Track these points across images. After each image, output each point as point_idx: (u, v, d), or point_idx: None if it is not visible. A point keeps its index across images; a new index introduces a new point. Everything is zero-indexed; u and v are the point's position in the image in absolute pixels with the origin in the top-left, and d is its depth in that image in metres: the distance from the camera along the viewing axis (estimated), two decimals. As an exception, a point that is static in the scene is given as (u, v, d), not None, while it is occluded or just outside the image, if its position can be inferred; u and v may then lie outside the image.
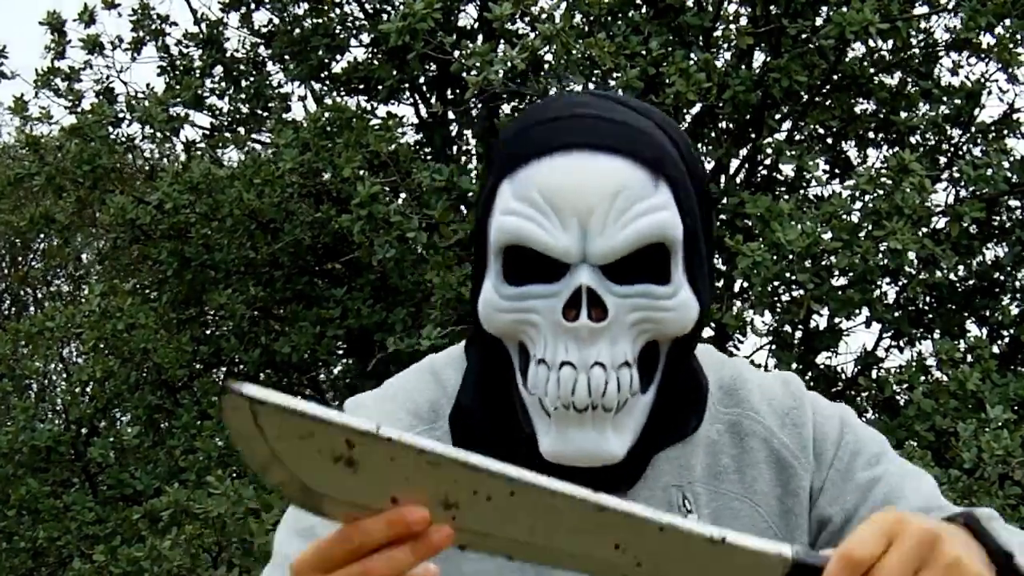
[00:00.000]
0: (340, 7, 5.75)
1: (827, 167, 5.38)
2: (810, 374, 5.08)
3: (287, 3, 5.76)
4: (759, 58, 4.99)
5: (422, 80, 5.79)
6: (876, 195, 3.98)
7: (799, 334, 5.14)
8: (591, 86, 4.37)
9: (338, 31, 5.73)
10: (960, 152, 5.09)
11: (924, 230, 4.22)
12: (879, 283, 4.79)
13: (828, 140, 5.47)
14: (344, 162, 4.51)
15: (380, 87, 5.42)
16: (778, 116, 5.12)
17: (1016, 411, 3.89)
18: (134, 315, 5.13)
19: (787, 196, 4.90)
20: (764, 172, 5.25)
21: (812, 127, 5.26)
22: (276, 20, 5.87)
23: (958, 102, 4.96)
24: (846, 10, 4.11)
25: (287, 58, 5.76)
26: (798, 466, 1.18)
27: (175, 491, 4.37)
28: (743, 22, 4.78)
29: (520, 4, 4.23)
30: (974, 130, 5.05)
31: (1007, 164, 4.43)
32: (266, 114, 5.75)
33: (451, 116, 5.71)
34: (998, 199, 4.78)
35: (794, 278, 3.96)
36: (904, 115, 5.08)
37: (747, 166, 5.19)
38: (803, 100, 4.92)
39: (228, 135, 5.90)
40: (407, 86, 5.75)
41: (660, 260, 1.08)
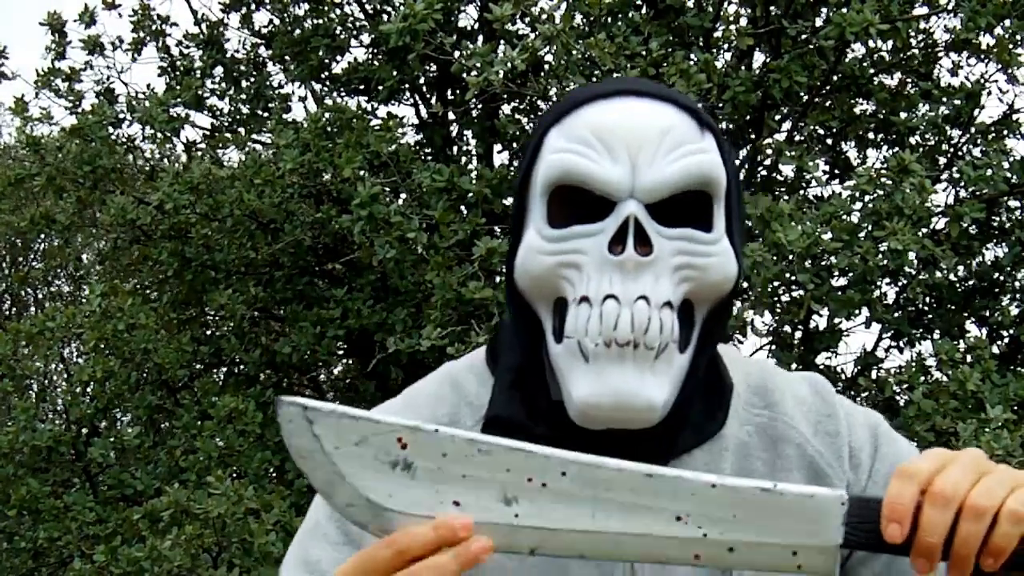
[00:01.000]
0: (340, 8, 5.76)
1: (827, 167, 5.39)
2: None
3: (287, 4, 5.76)
4: (759, 59, 5.00)
5: (422, 80, 5.79)
6: (876, 195, 3.98)
7: (799, 334, 5.14)
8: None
9: (338, 32, 5.73)
10: (960, 152, 5.10)
11: (924, 230, 4.22)
12: (879, 283, 4.79)
13: (828, 140, 5.47)
14: (344, 162, 4.51)
15: (380, 87, 5.42)
16: (778, 117, 5.13)
17: (1016, 411, 3.89)
18: (134, 315, 5.13)
19: (787, 196, 4.90)
20: (764, 172, 5.25)
21: (812, 128, 5.27)
22: (276, 21, 5.87)
23: (958, 103, 4.96)
24: (846, 11, 4.11)
25: (287, 58, 5.76)
26: (833, 475, 1.15)
27: (175, 491, 4.38)
28: (743, 23, 4.78)
29: (520, 5, 4.24)
30: (974, 131, 5.05)
31: (1007, 164, 4.43)
32: (266, 114, 5.76)
33: (451, 116, 5.71)
34: (998, 199, 4.78)
35: (794, 278, 3.96)
36: (904, 116, 5.08)
37: (747, 166, 5.19)
38: (803, 101, 4.92)
39: (228, 135, 5.90)
40: (407, 86, 5.76)
41: (703, 208, 1.08)
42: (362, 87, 5.82)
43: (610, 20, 4.62)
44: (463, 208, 4.72)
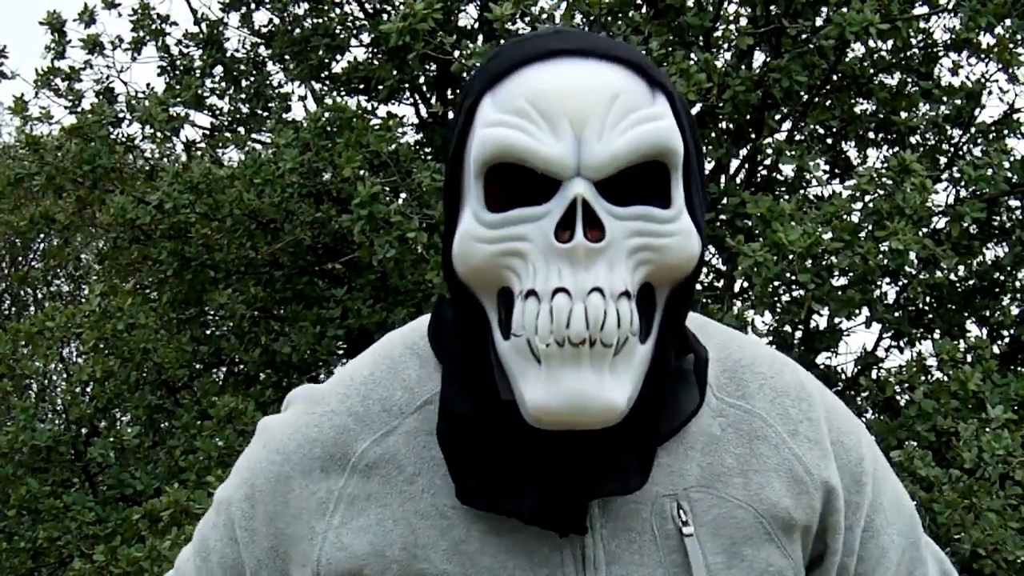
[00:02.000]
0: (340, 7, 5.75)
1: (827, 167, 5.38)
2: (810, 374, 5.07)
3: (287, 3, 5.75)
4: (759, 58, 4.99)
5: (422, 80, 5.78)
6: (876, 195, 3.97)
7: (799, 334, 5.14)
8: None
9: (338, 31, 5.72)
10: (960, 152, 5.09)
11: (924, 230, 4.22)
12: (879, 283, 4.78)
13: (828, 140, 5.46)
14: (344, 162, 4.51)
15: (380, 87, 5.42)
16: (778, 116, 5.12)
17: (1017, 411, 3.89)
18: (134, 315, 5.12)
19: (787, 196, 4.89)
20: (764, 172, 5.24)
21: (812, 127, 5.26)
22: (276, 20, 5.87)
23: (958, 102, 4.95)
24: (846, 10, 4.11)
25: (287, 58, 5.76)
26: (809, 483, 1.09)
27: (175, 491, 4.37)
28: (743, 22, 4.77)
29: (520, 4, 4.23)
30: (974, 130, 5.04)
31: (1007, 164, 4.42)
32: (266, 114, 5.75)
33: (451, 116, 5.70)
34: (998, 199, 4.78)
35: (795, 278, 3.95)
36: (904, 115, 5.07)
37: (747, 166, 5.19)
38: (803, 100, 4.92)
39: (228, 135, 5.89)
40: (407, 86, 5.75)
41: (659, 182, 0.96)
42: (362, 86, 5.81)
43: (610, 19, 4.61)
44: (463, 208, 4.71)
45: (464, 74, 4.37)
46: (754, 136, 4.91)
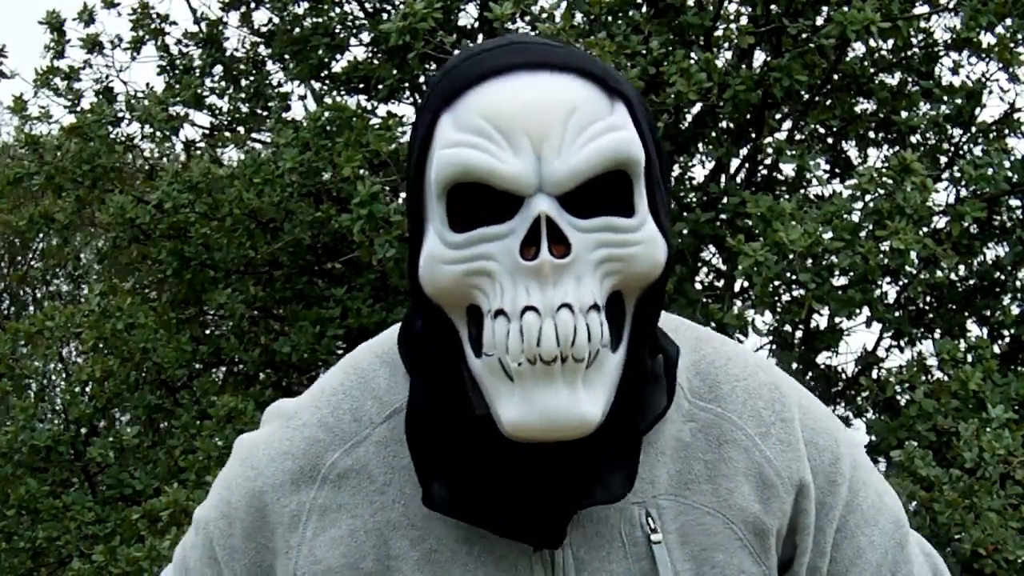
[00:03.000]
0: (340, 6, 5.75)
1: (828, 167, 5.37)
2: (810, 374, 5.07)
3: (287, 2, 5.75)
4: (759, 58, 4.99)
5: (422, 80, 5.78)
6: (877, 195, 3.97)
7: (800, 334, 5.14)
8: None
9: (338, 30, 5.72)
10: (961, 152, 5.09)
11: (925, 230, 4.21)
12: (880, 283, 4.78)
13: (829, 140, 5.46)
14: (344, 161, 4.50)
15: (380, 86, 5.41)
16: (778, 116, 5.12)
17: (1017, 411, 3.88)
18: (134, 315, 5.12)
19: (788, 196, 4.89)
20: (765, 172, 5.24)
21: (813, 127, 5.26)
22: (276, 19, 5.86)
23: (959, 102, 4.95)
24: (847, 9, 4.10)
25: (287, 57, 5.75)
26: (780, 487, 1.08)
27: (175, 491, 4.36)
28: (743, 22, 4.77)
29: (520, 4, 4.23)
30: (975, 130, 5.04)
31: (1008, 164, 4.42)
32: (266, 113, 5.75)
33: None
34: (999, 199, 4.78)
35: (795, 278, 3.95)
36: (905, 115, 5.07)
37: (747, 166, 5.18)
38: (804, 100, 4.91)
39: (228, 134, 5.89)
40: (407, 86, 5.74)
41: (622, 191, 0.97)
42: (362, 86, 5.81)
43: (610, 19, 4.61)
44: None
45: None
46: (754, 136, 4.90)
